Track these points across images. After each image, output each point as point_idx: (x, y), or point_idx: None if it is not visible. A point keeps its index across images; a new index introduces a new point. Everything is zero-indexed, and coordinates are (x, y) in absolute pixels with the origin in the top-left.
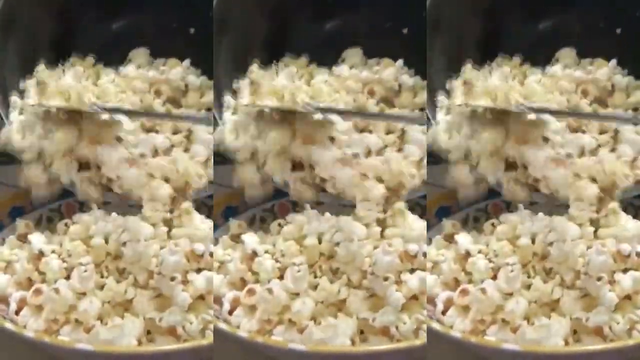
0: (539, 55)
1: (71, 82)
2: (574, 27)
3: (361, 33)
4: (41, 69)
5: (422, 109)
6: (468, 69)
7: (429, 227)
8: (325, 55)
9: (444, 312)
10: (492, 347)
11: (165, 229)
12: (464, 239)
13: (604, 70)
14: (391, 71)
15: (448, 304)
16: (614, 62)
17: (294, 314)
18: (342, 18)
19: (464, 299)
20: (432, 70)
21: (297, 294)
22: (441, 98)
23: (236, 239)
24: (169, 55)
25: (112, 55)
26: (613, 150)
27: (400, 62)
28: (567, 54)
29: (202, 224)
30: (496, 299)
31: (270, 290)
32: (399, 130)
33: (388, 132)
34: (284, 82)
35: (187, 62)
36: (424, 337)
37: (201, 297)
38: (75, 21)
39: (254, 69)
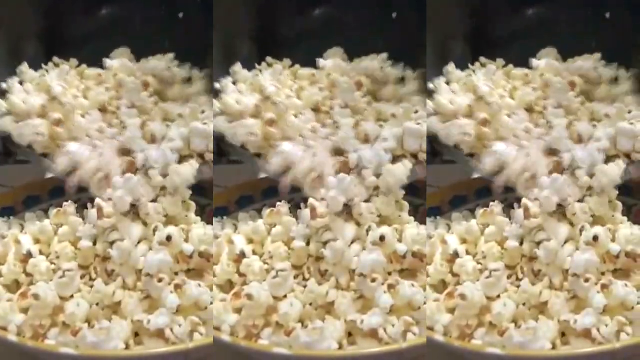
0: (528, 43)
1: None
2: (561, 14)
3: (349, 21)
4: (25, 68)
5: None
6: (452, 68)
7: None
8: (313, 44)
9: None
10: (476, 351)
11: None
12: (453, 240)
13: (589, 63)
14: (375, 64)
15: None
16: (598, 55)
17: (281, 317)
18: (329, 6)
19: (450, 301)
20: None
21: (284, 297)
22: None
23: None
24: (156, 43)
25: (100, 44)
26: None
27: (384, 55)
28: (549, 52)
29: (194, 224)
30: (479, 302)
31: (254, 294)
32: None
33: (379, 120)
34: (269, 78)
35: (171, 55)
36: (412, 339)
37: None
38: (61, 11)
39: (237, 69)
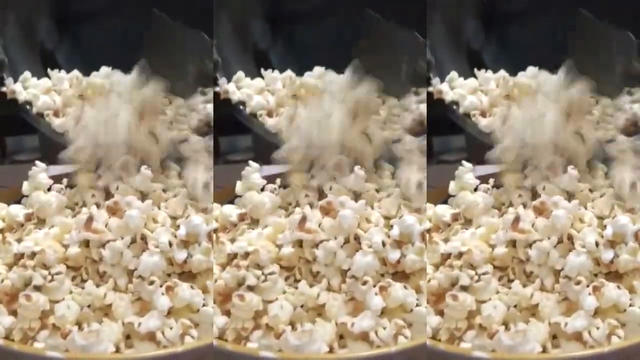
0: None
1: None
2: None
3: None
4: (28, 75)
5: None
6: (454, 76)
7: None
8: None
9: None
10: (462, 354)
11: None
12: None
13: None
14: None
15: None
16: None
17: (271, 319)
18: None
19: (440, 304)
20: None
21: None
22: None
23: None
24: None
25: (112, 20)
26: None
27: None
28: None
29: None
30: (469, 305)
31: (246, 295)
32: None
33: None
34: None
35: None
36: (403, 342)
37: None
38: None
39: (241, 76)
